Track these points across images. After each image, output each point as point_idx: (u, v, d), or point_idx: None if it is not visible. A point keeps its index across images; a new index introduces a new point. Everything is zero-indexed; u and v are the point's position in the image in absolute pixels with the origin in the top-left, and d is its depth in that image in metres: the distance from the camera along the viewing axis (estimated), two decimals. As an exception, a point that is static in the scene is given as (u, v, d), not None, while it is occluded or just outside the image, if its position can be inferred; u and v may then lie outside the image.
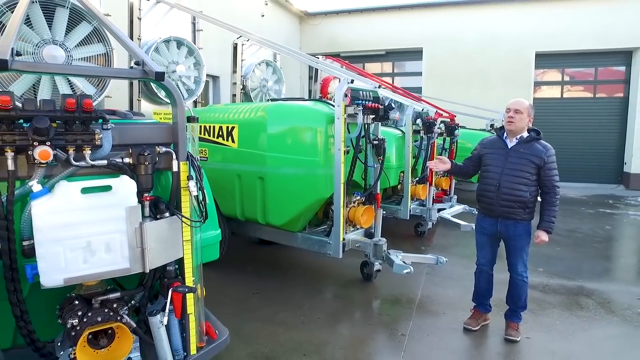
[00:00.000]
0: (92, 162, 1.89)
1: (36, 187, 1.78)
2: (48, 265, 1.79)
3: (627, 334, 3.73)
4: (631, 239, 7.61)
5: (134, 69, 2.05)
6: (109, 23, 2.56)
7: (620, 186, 13.41)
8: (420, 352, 3.34)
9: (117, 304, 2.15)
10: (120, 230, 1.91)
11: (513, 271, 3.57)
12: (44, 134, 1.68)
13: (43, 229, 1.76)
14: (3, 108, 1.63)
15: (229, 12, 10.97)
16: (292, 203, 4.45)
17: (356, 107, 4.22)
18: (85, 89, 3.85)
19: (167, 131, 2.16)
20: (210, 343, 2.43)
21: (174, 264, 2.22)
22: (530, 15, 13.55)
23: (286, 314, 3.98)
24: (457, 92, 13.24)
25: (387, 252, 4.49)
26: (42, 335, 2.07)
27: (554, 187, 3.42)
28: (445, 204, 7.57)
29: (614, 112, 13.61)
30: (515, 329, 3.59)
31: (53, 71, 2.24)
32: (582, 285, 4.83)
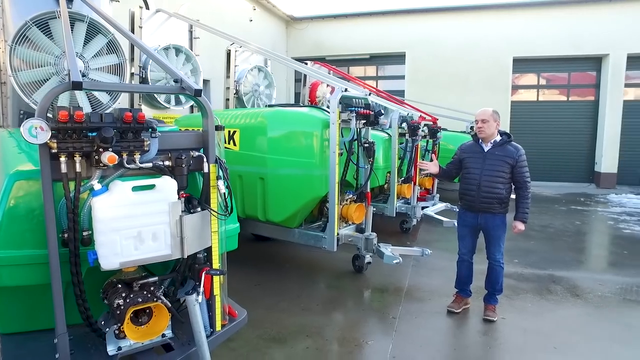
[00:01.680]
0: (141, 164, 2.25)
1: (97, 186, 2.14)
2: (107, 251, 2.14)
3: (588, 313, 4.24)
4: (598, 233, 8.22)
5: (175, 86, 2.41)
6: (142, 44, 2.90)
7: (591, 185, 14.14)
8: (409, 331, 3.78)
9: (153, 287, 2.51)
10: (164, 222, 2.28)
11: (491, 258, 4.03)
12: (109, 142, 2.04)
13: (104, 221, 2.11)
14: (77, 121, 2.00)
15: (219, 17, 11.28)
16: (290, 201, 4.84)
17: (350, 113, 4.64)
18: (100, 98, 4.21)
19: (199, 138, 2.54)
20: (231, 322, 2.82)
21: (203, 252, 2.59)
22: (507, 22, 14.19)
23: (286, 303, 4.37)
24: (438, 96, 13.77)
25: (378, 246, 4.92)
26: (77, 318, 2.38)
27: (526, 183, 3.89)
28: (429, 202, 8.04)
29: (586, 115, 14.34)
30: (493, 310, 4.05)
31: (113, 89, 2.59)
32: (552, 273, 5.34)
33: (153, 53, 2.78)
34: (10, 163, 2.45)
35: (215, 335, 2.67)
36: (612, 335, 3.78)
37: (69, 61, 2.21)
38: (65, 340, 2.19)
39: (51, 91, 2.07)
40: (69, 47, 2.47)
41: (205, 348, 2.45)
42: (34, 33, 3.82)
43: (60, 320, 2.16)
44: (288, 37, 16.41)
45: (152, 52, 2.81)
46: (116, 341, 2.45)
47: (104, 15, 3.83)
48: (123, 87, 2.62)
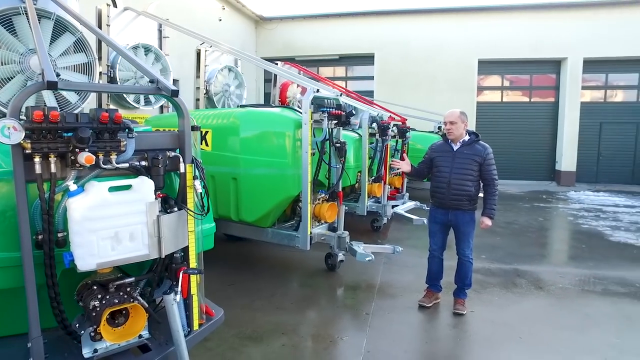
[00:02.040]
0: (117, 165, 2.24)
1: (72, 187, 2.11)
2: (84, 252, 2.13)
3: (551, 304, 4.46)
4: (559, 228, 8.60)
5: (151, 86, 2.40)
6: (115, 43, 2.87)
7: (552, 183, 14.74)
8: (383, 326, 3.87)
9: (130, 287, 2.50)
10: (142, 222, 2.28)
11: (461, 254, 4.16)
12: (86, 142, 2.03)
13: (80, 221, 2.09)
14: (52, 121, 1.98)
15: (188, 16, 11.15)
16: (263, 200, 4.86)
17: (322, 114, 4.70)
18: (69, 97, 4.12)
19: (175, 138, 2.54)
20: (208, 320, 2.83)
21: (180, 251, 2.59)
22: (473, 25, 14.62)
23: (261, 302, 4.39)
24: (406, 96, 14.05)
25: (350, 244, 5.01)
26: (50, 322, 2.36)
27: (493, 180, 4.05)
28: (399, 200, 8.21)
29: (547, 116, 14.94)
30: (462, 304, 4.20)
31: (88, 89, 2.55)
32: (517, 267, 5.56)
33: (127, 53, 2.76)
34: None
35: (193, 334, 2.68)
36: (573, 323, 3.99)
37: (42, 60, 2.18)
38: (40, 344, 2.15)
39: (24, 91, 2.04)
40: (40, 46, 2.43)
41: (183, 347, 2.46)
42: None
43: (35, 323, 2.13)
44: (258, 37, 16.36)
45: (127, 52, 2.79)
46: (92, 343, 2.42)
47: (72, 13, 3.74)
48: (98, 88, 2.59)
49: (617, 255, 6.29)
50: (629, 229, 7.98)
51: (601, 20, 13.68)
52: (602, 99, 14.81)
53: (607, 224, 8.41)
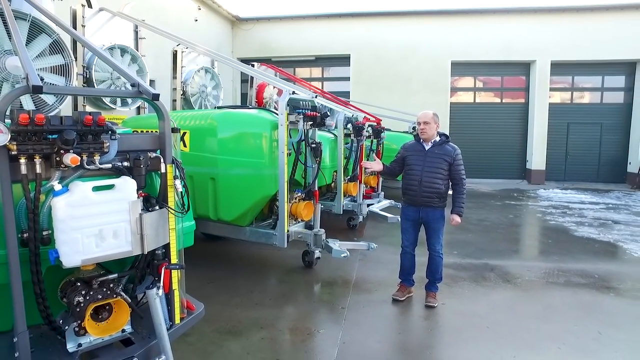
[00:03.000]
0: (100, 165, 2.33)
1: (57, 187, 2.20)
2: (69, 249, 2.21)
3: (518, 295, 4.71)
4: (528, 225, 8.95)
5: (133, 90, 2.49)
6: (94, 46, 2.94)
7: (523, 181, 15.23)
8: (358, 320, 4.03)
9: (113, 283, 2.59)
10: (125, 220, 2.37)
11: (432, 249, 4.36)
12: (70, 144, 2.12)
13: (65, 220, 2.18)
14: (38, 124, 2.06)
15: (163, 16, 11.13)
16: (241, 200, 4.97)
17: (297, 115, 4.84)
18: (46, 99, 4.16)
19: (155, 139, 2.63)
20: (189, 315, 2.94)
21: (162, 248, 2.69)
22: (446, 27, 14.99)
23: (240, 298, 4.50)
24: (381, 97, 14.30)
25: (326, 241, 5.16)
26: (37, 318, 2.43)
27: (462, 180, 4.26)
28: (374, 199, 8.40)
29: (517, 116, 15.43)
30: (434, 297, 4.40)
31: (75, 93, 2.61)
32: (487, 262, 5.81)
33: (107, 56, 2.84)
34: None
35: (175, 327, 2.78)
36: (536, 313, 4.23)
37: (25, 65, 2.24)
38: (26, 338, 2.22)
39: (9, 94, 2.12)
40: (22, 50, 2.49)
41: (166, 340, 2.56)
42: (-26, 32, 3.73)
43: (20, 318, 2.19)
44: (234, 37, 16.38)
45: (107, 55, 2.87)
46: (76, 338, 2.50)
47: (49, 15, 3.78)
48: (82, 92, 2.66)
49: (580, 249, 6.62)
50: (592, 225, 8.37)
51: (568, 25, 14.22)
52: (569, 100, 15.39)
53: (573, 220, 8.79)
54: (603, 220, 8.84)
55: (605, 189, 13.65)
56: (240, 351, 3.42)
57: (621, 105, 14.91)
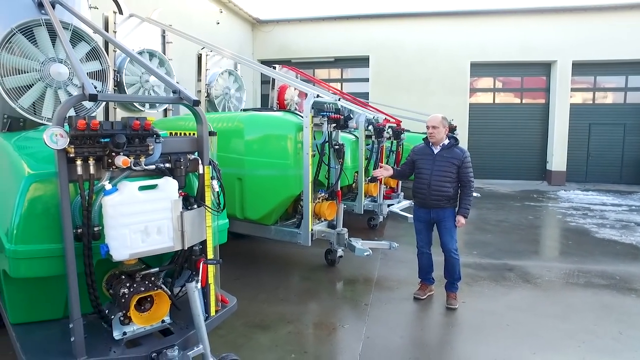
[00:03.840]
0: (145, 166, 2.52)
1: (108, 186, 2.39)
2: (118, 244, 2.40)
3: (537, 295, 4.79)
4: (548, 226, 8.94)
5: (174, 97, 2.69)
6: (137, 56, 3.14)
7: (543, 182, 15.11)
8: (381, 316, 4.17)
9: (154, 277, 2.78)
10: (167, 217, 2.55)
11: (446, 249, 4.38)
12: (121, 147, 2.31)
13: (115, 217, 2.37)
14: (93, 129, 2.25)
15: (187, 20, 11.40)
16: (267, 199, 5.15)
17: (322, 117, 5.00)
18: (85, 104, 4.38)
19: (194, 142, 2.82)
20: (223, 308, 3.12)
21: (199, 245, 2.87)
22: (465, 28, 14.97)
23: (266, 294, 4.67)
24: (400, 98, 14.36)
25: (349, 240, 5.30)
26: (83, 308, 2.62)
27: (469, 182, 4.31)
28: (394, 200, 8.52)
29: (537, 117, 15.32)
30: (454, 298, 4.45)
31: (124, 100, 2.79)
32: (507, 262, 5.89)
33: (150, 65, 3.03)
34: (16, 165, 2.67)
35: (211, 319, 2.96)
36: (556, 312, 4.31)
37: (80, 75, 2.45)
38: (80, 325, 2.42)
39: (67, 102, 2.32)
40: (76, 62, 2.71)
41: (203, 330, 2.74)
42: (19, 40, 3.97)
43: (76, 307, 2.40)
44: (254, 39, 16.62)
45: (148, 63, 3.06)
46: (121, 327, 2.70)
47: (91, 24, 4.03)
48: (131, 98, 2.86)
49: (600, 251, 6.63)
50: (614, 227, 8.33)
51: (589, 24, 14.08)
52: (591, 100, 15.22)
53: (594, 222, 8.76)
54: (625, 222, 8.78)
55: (628, 190, 13.46)
56: (269, 344, 3.59)
57: (645, 105, 14.70)
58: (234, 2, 14.12)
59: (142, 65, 3.16)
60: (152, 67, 2.99)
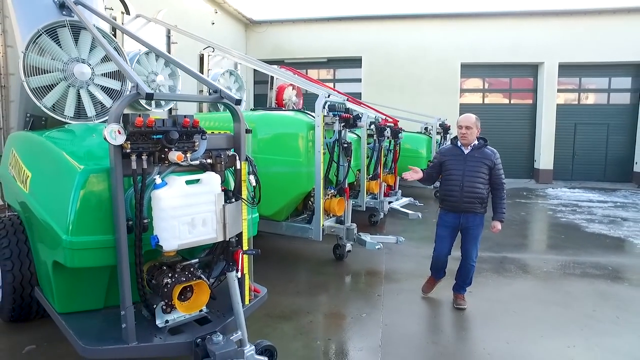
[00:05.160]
0: (191, 162, 2.68)
1: (158, 180, 2.55)
2: (168, 235, 2.55)
3: (538, 285, 5.07)
4: (540, 222, 9.28)
5: (215, 96, 2.85)
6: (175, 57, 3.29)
7: (531, 180, 15.54)
8: (395, 305, 4.38)
9: (193, 268, 2.94)
10: (211, 210, 2.71)
11: (467, 257, 4.25)
12: (173, 143, 2.47)
13: (166, 209, 2.52)
14: (149, 126, 2.41)
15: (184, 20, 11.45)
16: (279, 196, 5.31)
17: (333, 117, 5.18)
18: (104, 101, 4.51)
19: (231, 139, 2.98)
20: (255, 297, 3.29)
21: (235, 236, 3.03)
22: (455, 30, 15.30)
23: (280, 288, 4.83)
24: (392, 98, 14.59)
25: (358, 235, 5.50)
26: None
27: (502, 184, 4.19)
28: (392, 197, 8.74)
29: (525, 117, 15.74)
30: (462, 299, 4.38)
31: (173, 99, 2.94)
32: (506, 255, 6.15)
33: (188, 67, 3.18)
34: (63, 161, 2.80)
35: (246, 307, 3.12)
36: (557, 300, 4.58)
37: (132, 76, 2.58)
38: (132, 312, 2.57)
39: (123, 100, 2.47)
40: (127, 65, 2.85)
41: (242, 317, 2.90)
42: (44, 41, 4.08)
43: (127, 295, 2.54)
44: (247, 39, 16.72)
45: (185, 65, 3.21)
46: (163, 315, 2.85)
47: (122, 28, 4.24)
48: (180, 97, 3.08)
49: (592, 244, 6.96)
50: (602, 222, 8.70)
51: (575, 27, 14.53)
52: (576, 101, 15.70)
53: (583, 217, 9.12)
54: (612, 217, 9.16)
55: (612, 188, 13.95)
56: (294, 332, 3.77)
57: (628, 106, 15.20)
58: (228, 3, 14.21)
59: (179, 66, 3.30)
60: (191, 69, 3.14)
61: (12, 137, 4.05)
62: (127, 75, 2.74)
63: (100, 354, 2.57)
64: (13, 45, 4.46)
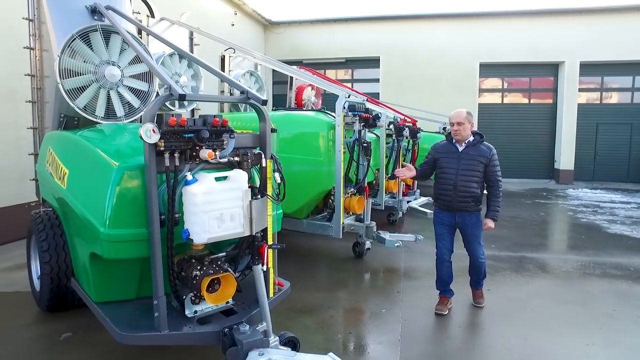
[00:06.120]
0: (220, 159, 2.81)
1: (189, 177, 2.68)
2: (199, 229, 2.68)
3: (557, 284, 5.09)
4: (560, 222, 9.22)
5: (243, 97, 2.98)
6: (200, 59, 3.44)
7: (551, 181, 15.37)
8: (414, 301, 4.47)
9: (220, 261, 3.07)
10: (239, 205, 2.83)
11: (472, 255, 4.21)
12: (204, 141, 2.60)
13: (197, 204, 2.65)
14: (181, 125, 2.55)
15: (205, 22, 11.69)
16: (300, 194, 5.43)
17: (353, 116, 5.28)
18: (132, 101, 4.68)
19: (257, 138, 3.11)
20: (279, 290, 3.41)
21: (260, 232, 3.16)
22: (474, 29, 15.24)
23: (302, 284, 4.95)
24: (410, 98, 14.59)
25: (378, 233, 5.59)
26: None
27: (497, 181, 4.08)
28: (410, 197, 8.79)
29: (545, 117, 15.58)
30: (481, 296, 4.38)
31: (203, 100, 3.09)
32: (524, 255, 6.17)
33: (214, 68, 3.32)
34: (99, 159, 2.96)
35: (270, 300, 3.25)
36: (576, 299, 4.59)
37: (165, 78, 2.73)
38: (164, 302, 2.71)
39: (157, 101, 2.62)
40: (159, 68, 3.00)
41: (267, 309, 3.02)
42: (78, 45, 4.27)
43: (160, 285, 2.68)
44: (266, 40, 16.91)
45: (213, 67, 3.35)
46: (192, 306, 2.99)
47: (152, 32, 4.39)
48: (211, 98, 3.29)
49: (613, 245, 6.90)
50: (625, 223, 8.60)
51: (598, 25, 14.34)
52: (598, 100, 15.48)
53: (605, 218, 9.03)
54: (635, 218, 9.05)
55: (635, 189, 13.71)
56: (315, 326, 3.88)
57: (652, 105, 14.95)
58: (247, 4, 14.41)
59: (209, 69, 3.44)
60: (219, 71, 3.27)
61: (48, 137, 4.25)
62: (159, 77, 2.89)
63: (135, 340, 2.73)
64: (48, 49, 4.66)
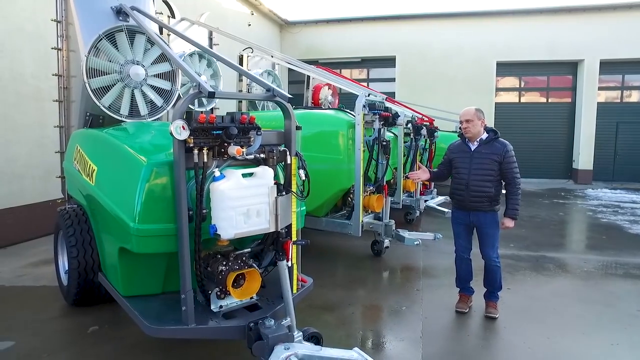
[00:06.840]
0: (247, 156, 2.85)
1: (217, 173, 2.73)
2: (226, 225, 2.73)
3: (578, 284, 5.04)
4: (579, 222, 9.11)
5: (268, 94, 3.03)
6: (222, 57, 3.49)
7: (570, 181, 15.18)
8: (434, 299, 4.47)
9: (245, 257, 3.11)
10: (265, 202, 2.87)
11: (486, 257, 4.06)
12: (233, 138, 2.64)
13: (224, 200, 2.70)
14: (211, 122, 2.60)
15: (222, 22, 11.80)
16: (320, 192, 5.42)
17: (373, 115, 5.30)
18: (156, 100, 4.75)
19: (281, 136, 3.15)
20: (303, 286, 3.45)
21: (285, 228, 3.19)
22: (490, 28, 15.12)
23: (322, 281, 4.96)
24: (426, 97, 14.52)
25: (397, 231, 5.59)
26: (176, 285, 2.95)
27: (514, 179, 3.90)
28: (427, 196, 8.78)
29: (564, 116, 15.38)
30: (494, 307, 4.13)
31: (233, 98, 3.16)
32: (544, 254, 6.11)
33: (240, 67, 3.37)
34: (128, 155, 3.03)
35: (294, 295, 3.28)
36: (598, 299, 4.55)
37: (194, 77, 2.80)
38: (191, 296, 2.77)
39: (186, 99, 2.67)
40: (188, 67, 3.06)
41: (291, 305, 3.06)
42: (104, 45, 4.35)
43: (187, 279, 2.73)
44: (282, 40, 16.99)
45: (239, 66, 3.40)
46: (218, 301, 3.04)
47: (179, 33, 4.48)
48: (238, 96, 3.53)
49: (635, 245, 6.80)
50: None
51: (618, 22, 14.11)
52: (618, 99, 15.23)
53: (626, 219, 8.89)
54: (657, 219, 8.91)
55: (657, 189, 13.49)
56: (336, 322, 3.91)
57: (675, 104, 14.67)
58: (264, 4, 14.50)
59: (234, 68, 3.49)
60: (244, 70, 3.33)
61: (76, 135, 4.35)
62: (188, 76, 2.95)
63: (163, 333, 2.79)
64: (75, 49, 4.76)
